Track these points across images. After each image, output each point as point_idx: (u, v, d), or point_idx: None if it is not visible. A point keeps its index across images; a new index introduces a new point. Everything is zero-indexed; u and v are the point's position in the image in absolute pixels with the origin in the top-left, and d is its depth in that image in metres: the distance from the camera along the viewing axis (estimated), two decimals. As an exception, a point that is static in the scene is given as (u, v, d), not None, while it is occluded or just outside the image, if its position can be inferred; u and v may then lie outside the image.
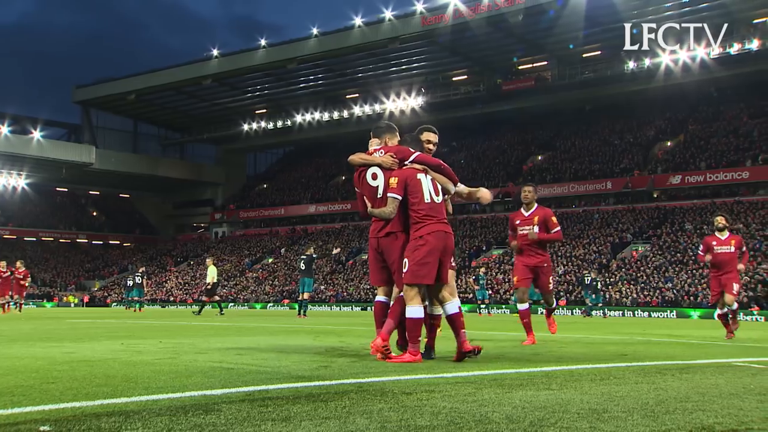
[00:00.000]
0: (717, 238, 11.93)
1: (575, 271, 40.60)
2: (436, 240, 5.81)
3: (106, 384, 4.36)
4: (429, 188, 5.97)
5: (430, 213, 5.89)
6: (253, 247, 62.39)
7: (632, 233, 43.54)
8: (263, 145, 72.35)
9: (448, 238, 5.87)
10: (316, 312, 34.95)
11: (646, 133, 52.72)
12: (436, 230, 5.84)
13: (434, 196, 5.97)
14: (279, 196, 68.22)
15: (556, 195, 51.22)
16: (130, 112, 67.73)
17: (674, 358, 7.16)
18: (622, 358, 6.92)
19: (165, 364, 5.60)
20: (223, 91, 61.97)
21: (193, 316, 22.16)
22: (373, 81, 58.21)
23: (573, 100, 54.05)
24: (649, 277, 37.79)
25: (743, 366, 6.33)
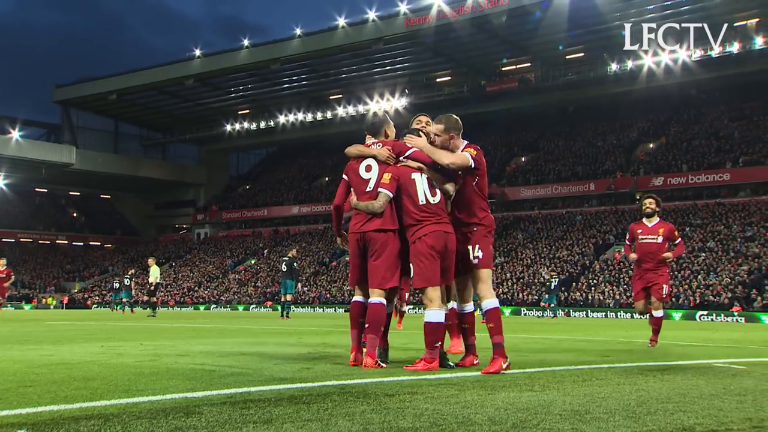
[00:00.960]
0: (643, 225, 9.84)
1: (558, 273, 40.78)
2: (434, 240, 5.67)
3: (85, 387, 4.32)
4: (424, 188, 5.81)
5: (426, 214, 5.75)
6: (236, 249, 62.14)
7: (615, 235, 43.78)
8: (246, 146, 72.07)
9: (449, 238, 5.71)
10: (299, 314, 34.86)
11: (628, 134, 53.08)
12: (434, 230, 5.69)
13: (429, 197, 5.79)
14: (262, 197, 67.98)
15: (539, 196, 51.44)
16: (111, 112, 67.26)
17: (656, 359, 7.20)
18: (604, 360, 6.95)
19: (145, 366, 5.56)
20: (206, 92, 61.70)
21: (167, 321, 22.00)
22: (356, 82, 58.15)
23: (556, 102, 54.30)
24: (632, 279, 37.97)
25: (723, 367, 6.38)
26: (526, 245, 45.85)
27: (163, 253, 66.47)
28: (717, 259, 37.38)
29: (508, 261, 44.34)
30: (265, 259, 57.30)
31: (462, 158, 5.89)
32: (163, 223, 75.29)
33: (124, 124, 70.33)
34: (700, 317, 32.45)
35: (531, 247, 45.22)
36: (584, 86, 51.19)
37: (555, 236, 45.88)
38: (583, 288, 38.68)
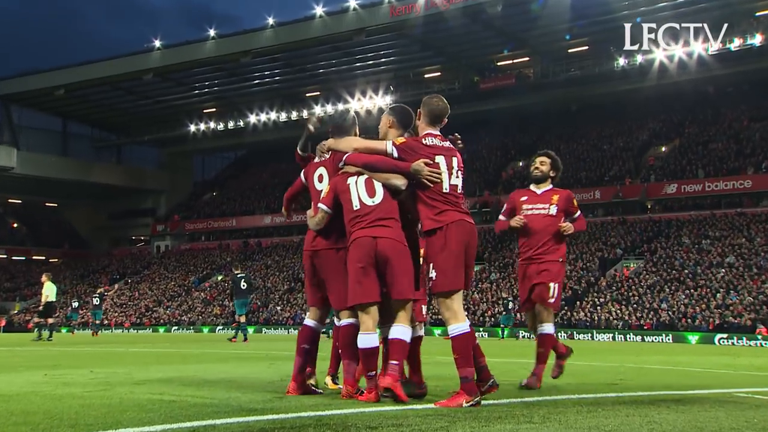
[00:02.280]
0: (530, 192, 7.87)
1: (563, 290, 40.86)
2: (357, 249, 5.68)
3: (25, 422, 4.26)
4: (358, 192, 5.82)
5: (357, 219, 5.76)
6: (201, 263, 61.88)
7: (623, 248, 43.99)
8: (212, 148, 71.89)
9: (378, 245, 5.65)
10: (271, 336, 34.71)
11: (638, 137, 53.44)
12: (360, 236, 5.69)
13: (365, 199, 5.79)
14: (230, 205, 67.77)
15: (539, 205, 51.60)
16: (59, 110, 66.88)
17: (670, 387, 7.21)
18: (611, 388, 6.96)
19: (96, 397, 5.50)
20: (167, 87, 61.55)
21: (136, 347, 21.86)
22: (335, 77, 58.19)
23: (558, 100, 54.60)
24: (642, 297, 38.16)
25: (746, 397, 6.39)
26: (524, 260, 45.93)
27: (118, 269, 66.06)
28: (738, 275, 37.60)
29: (505, 277, 44.40)
30: (233, 275, 57.05)
31: (374, 143, 5.93)
32: (118, 234, 74.85)
33: (73, 123, 69.99)
34: (720, 341, 32.59)
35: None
36: (589, 83, 51.52)
37: (557, 250, 45.99)
38: (587, 307, 38.80)
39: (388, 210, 5.79)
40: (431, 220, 5.75)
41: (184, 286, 57.90)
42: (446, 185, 5.80)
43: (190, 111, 65.63)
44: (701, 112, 52.86)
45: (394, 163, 5.80)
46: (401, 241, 5.73)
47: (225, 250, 63.76)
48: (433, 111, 6.01)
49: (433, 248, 5.72)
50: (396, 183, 5.79)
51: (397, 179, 5.79)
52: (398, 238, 5.73)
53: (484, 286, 43.67)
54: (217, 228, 66.81)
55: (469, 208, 23.38)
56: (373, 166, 5.83)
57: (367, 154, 5.90)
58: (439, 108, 6.05)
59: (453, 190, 5.84)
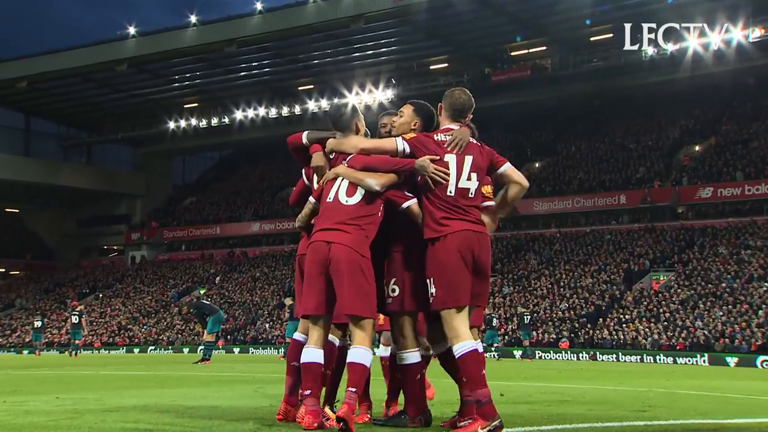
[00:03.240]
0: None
1: (582, 305, 40.85)
2: (310, 253, 5.74)
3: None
4: (338, 187, 5.89)
5: (323, 215, 5.85)
6: (181, 276, 61.83)
7: (652, 259, 43.92)
8: (194, 148, 71.87)
9: (331, 251, 5.66)
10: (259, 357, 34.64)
11: (669, 135, 53.38)
12: (315, 240, 5.76)
13: (341, 197, 5.85)
14: (213, 211, 67.73)
15: (557, 211, 51.62)
16: (21, 105, 66.85)
17: (705, 415, 7.18)
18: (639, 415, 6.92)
19: (62, 427, 5.48)
20: (143, 80, 61.57)
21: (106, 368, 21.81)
22: (331, 69, 58.15)
23: (579, 94, 54.53)
24: (674, 314, 38.08)
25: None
26: (540, 272, 45.89)
27: (88, 282, 65.98)
28: (782, 290, 37.58)
29: (519, 291, 44.35)
30: (217, 289, 57.07)
31: (383, 143, 5.95)
32: (88, 243, 74.77)
33: (37, 119, 69.96)
34: (762, 363, 32.43)
35: (547, 275, 45.26)
36: (613, 75, 51.44)
37: (577, 261, 45.96)
38: (611, 325, 38.72)
39: (356, 214, 5.77)
40: (429, 228, 5.77)
41: (162, 302, 57.82)
42: (452, 188, 5.79)
43: (169, 106, 65.64)
44: (740, 107, 52.82)
45: (396, 161, 5.83)
46: (358, 250, 5.67)
47: (208, 260, 63.67)
48: (454, 105, 6.06)
49: (431, 260, 5.74)
50: (369, 183, 5.79)
51: (372, 179, 5.79)
52: (355, 245, 5.67)
53: (497, 300, 43.58)
54: (199, 236, 66.74)
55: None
56: (374, 167, 5.84)
57: (372, 155, 5.92)
58: (461, 101, 6.09)
59: (461, 194, 5.82)
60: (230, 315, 50.51)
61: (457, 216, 5.77)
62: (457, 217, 5.77)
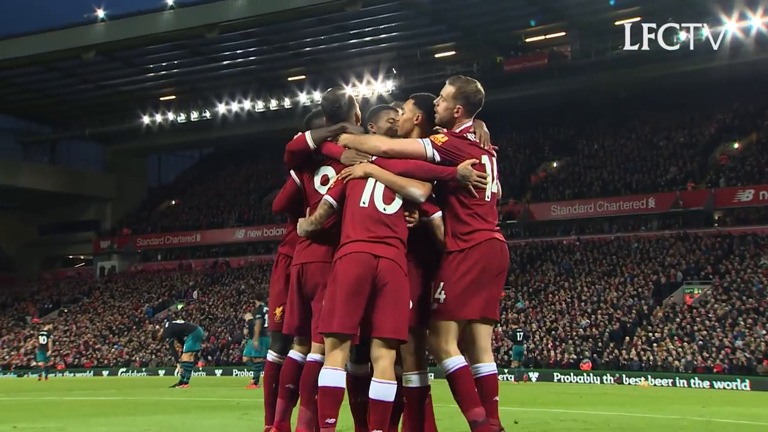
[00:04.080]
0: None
1: (606, 322, 40.78)
2: (353, 265, 5.67)
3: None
4: (373, 190, 5.85)
5: (358, 223, 5.77)
6: (156, 289, 61.78)
7: (684, 270, 43.86)
8: (171, 145, 71.96)
9: (380, 266, 5.67)
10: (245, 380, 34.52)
11: (703, 131, 53.40)
12: (359, 251, 5.69)
13: (378, 202, 5.81)
14: (193, 216, 67.73)
15: (577, 216, 51.60)
16: (-24, 97, 66.97)
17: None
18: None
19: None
20: (114, 69, 61.53)
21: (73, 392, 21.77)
22: (325, 58, 58.21)
23: (602, 86, 54.49)
24: (710, 332, 37.99)
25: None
26: (558, 284, 45.85)
27: (51, 296, 65.88)
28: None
29: (535, 306, 44.33)
30: (197, 304, 57.02)
31: (407, 145, 5.93)
32: (52, 253, 74.71)
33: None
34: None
35: (566, 287, 45.22)
36: (641, 63, 51.29)
37: (600, 272, 45.91)
38: (639, 344, 38.66)
39: (396, 225, 5.80)
40: (458, 239, 5.85)
41: (135, 318, 57.75)
42: (489, 193, 5.94)
43: (143, 99, 65.59)
44: (785, 100, 52.83)
45: (437, 170, 5.85)
46: (404, 268, 5.73)
47: (187, 271, 63.61)
48: (472, 99, 6.10)
49: (450, 265, 5.81)
50: (415, 193, 5.80)
51: (417, 187, 5.81)
52: (402, 263, 5.73)
53: (510, 316, 43.55)
54: (176, 244, 66.73)
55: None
56: (411, 174, 5.84)
57: (401, 159, 5.88)
58: (480, 97, 6.15)
59: (492, 200, 5.99)
60: (212, 333, 50.42)
61: (487, 225, 5.90)
62: (487, 227, 5.89)
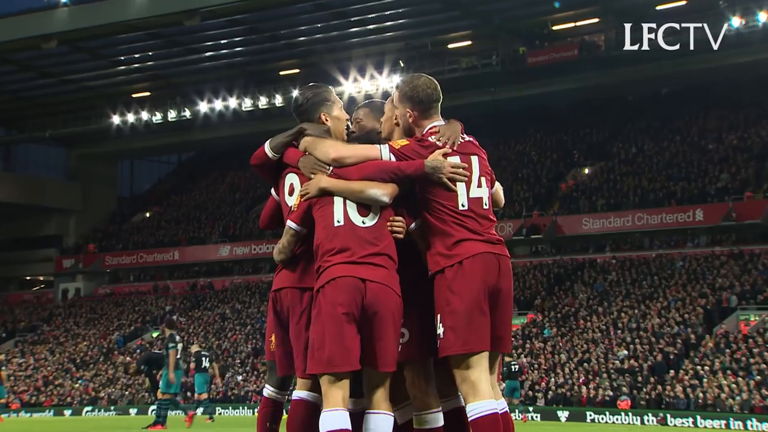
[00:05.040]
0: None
1: (647, 353, 40.48)
2: (337, 291, 5.66)
3: None
4: (345, 204, 5.86)
5: (335, 244, 5.77)
6: (128, 314, 61.67)
7: (739, 293, 43.59)
8: (145, 149, 71.94)
9: (369, 291, 5.68)
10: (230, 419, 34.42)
11: (760, 131, 53.25)
12: (343, 275, 5.68)
13: (354, 216, 5.84)
14: (170, 230, 67.64)
15: (613, 230, 51.37)
16: None
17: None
18: None
19: None
20: (79, 61, 61.61)
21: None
22: (322, 49, 58.18)
23: (641, 80, 54.41)
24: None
25: None
26: (591, 309, 45.61)
27: (5, 323, 65.82)
28: None
29: (564, 334, 44.11)
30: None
31: (360, 150, 6.00)
32: (6, 273, 74.63)
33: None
34: None
35: (600, 313, 44.98)
36: (687, 54, 50.91)
37: (639, 295, 45.65)
38: (686, 379, 38.39)
39: (381, 240, 5.83)
40: (439, 256, 5.82)
41: (103, 348, 57.61)
42: (464, 199, 5.86)
43: (112, 95, 65.55)
44: None
45: (396, 166, 5.87)
46: (397, 291, 5.75)
47: (163, 294, 63.48)
48: (416, 97, 6.12)
49: (441, 293, 5.79)
50: (375, 194, 5.83)
51: (376, 188, 5.83)
52: (394, 285, 5.74)
53: (535, 346, 43.30)
54: (151, 263, 66.60)
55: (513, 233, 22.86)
56: (369, 176, 5.88)
57: (366, 163, 5.94)
58: (427, 92, 6.15)
59: (475, 205, 5.90)
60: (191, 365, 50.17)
61: (473, 236, 5.83)
62: (474, 237, 5.82)
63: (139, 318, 60.78)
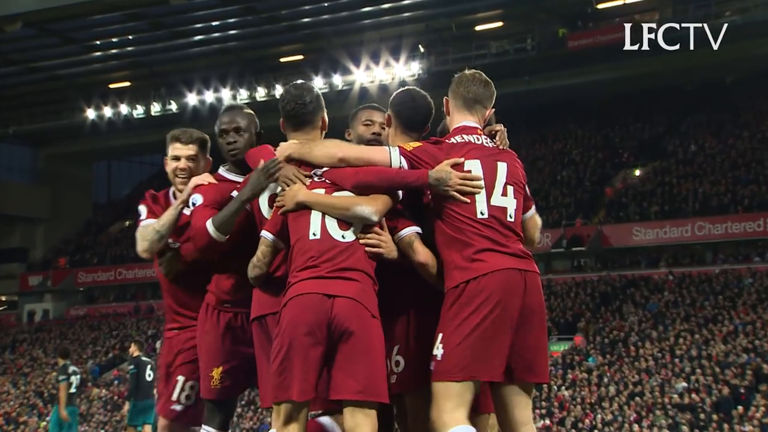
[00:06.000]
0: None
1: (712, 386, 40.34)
2: (298, 310, 5.78)
3: None
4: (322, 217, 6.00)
5: (308, 259, 5.91)
6: (104, 340, 61.78)
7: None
8: (125, 148, 72.23)
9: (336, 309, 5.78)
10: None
11: None
12: (306, 291, 5.80)
13: (332, 230, 5.96)
14: (153, 243, 67.65)
15: (669, 241, 51.43)
16: None
17: None
18: None
19: None
20: (48, 47, 61.81)
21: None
22: (329, 32, 58.26)
23: (701, 68, 54.26)
24: None
25: None
26: (644, 333, 45.47)
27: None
28: None
29: (612, 362, 43.96)
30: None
31: (368, 151, 6.20)
32: (-37, 292, 75.00)
33: None
34: None
35: (654, 338, 44.84)
36: (755, 35, 51.14)
37: (701, 317, 45.51)
38: (758, 417, 38.19)
39: (359, 255, 5.95)
40: (458, 270, 5.88)
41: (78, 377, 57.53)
42: (483, 207, 5.95)
43: (86, 86, 65.75)
44: None
45: (397, 174, 6.03)
46: (370, 308, 5.84)
47: (146, 316, 63.44)
48: (466, 94, 6.41)
49: (451, 310, 5.86)
50: (363, 212, 5.94)
51: (364, 204, 5.95)
52: (367, 301, 5.84)
53: (578, 376, 43.17)
54: (132, 280, 66.75)
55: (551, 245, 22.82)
56: (366, 183, 6.03)
57: (362, 168, 6.09)
58: (475, 89, 6.49)
59: (497, 215, 5.97)
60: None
61: (496, 247, 5.89)
62: (497, 249, 5.89)
63: (117, 344, 60.80)
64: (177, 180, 7.25)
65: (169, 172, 7.30)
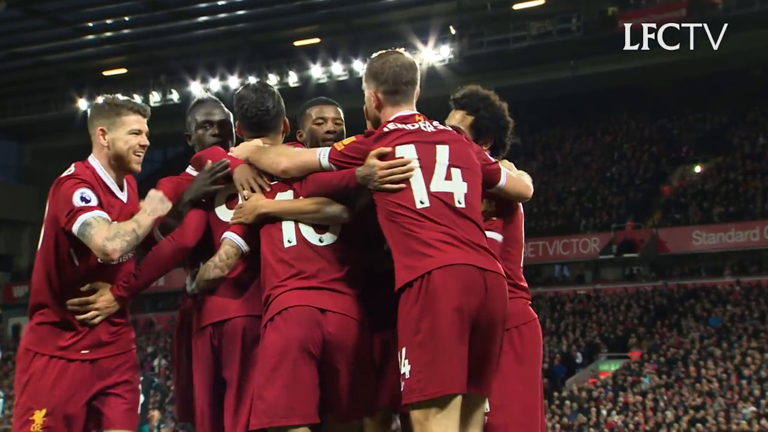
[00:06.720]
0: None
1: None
2: (289, 325, 5.90)
3: None
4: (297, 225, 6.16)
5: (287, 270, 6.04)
6: (97, 358, 61.91)
7: None
8: (120, 143, 72.27)
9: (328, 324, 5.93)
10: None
11: None
12: (297, 304, 5.93)
13: (308, 234, 6.14)
14: (152, 248, 67.97)
15: (734, 247, 51.47)
16: None
17: None
18: None
19: None
20: (34, 29, 62.19)
21: None
22: (347, 12, 58.36)
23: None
24: None
25: None
26: (707, 351, 45.41)
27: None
28: None
29: (671, 384, 43.92)
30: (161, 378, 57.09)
31: (302, 156, 6.35)
32: (-59, 304, 75.37)
33: None
34: None
35: (718, 356, 44.78)
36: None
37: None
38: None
39: (343, 261, 6.13)
40: (404, 268, 5.86)
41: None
42: (422, 195, 5.91)
43: (78, 73, 66.22)
44: None
45: (331, 180, 6.18)
46: (364, 324, 6.08)
47: (145, 331, 63.74)
48: (380, 76, 6.32)
49: (405, 318, 5.81)
50: (335, 212, 6.14)
51: (335, 205, 6.14)
52: (358, 315, 6.04)
53: (631, 399, 43.11)
54: (129, 290, 66.88)
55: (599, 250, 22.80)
56: (315, 195, 6.23)
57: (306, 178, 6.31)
58: (394, 71, 6.32)
59: (443, 201, 5.91)
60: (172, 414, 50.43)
61: (445, 238, 5.82)
62: (445, 240, 5.82)
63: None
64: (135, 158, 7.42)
65: (127, 148, 7.38)
